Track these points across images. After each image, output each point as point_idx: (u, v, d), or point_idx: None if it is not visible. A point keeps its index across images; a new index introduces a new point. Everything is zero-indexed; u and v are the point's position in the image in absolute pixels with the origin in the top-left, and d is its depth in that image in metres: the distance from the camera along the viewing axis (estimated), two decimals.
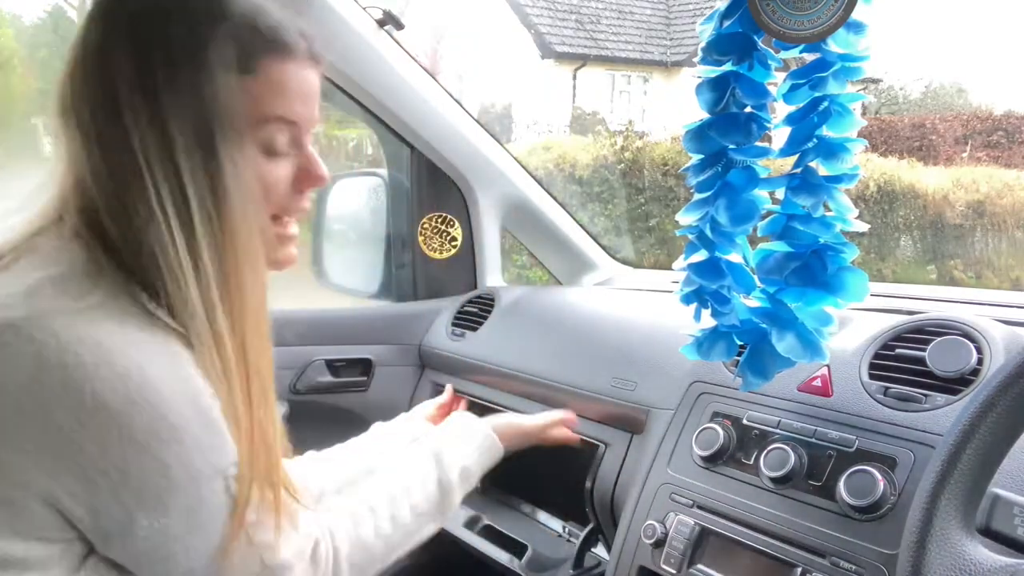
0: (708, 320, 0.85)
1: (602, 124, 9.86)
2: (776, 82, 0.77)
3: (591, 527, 1.10)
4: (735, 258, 0.82)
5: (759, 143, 0.77)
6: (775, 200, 0.80)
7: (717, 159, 0.78)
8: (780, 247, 0.78)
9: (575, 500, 1.12)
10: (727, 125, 0.76)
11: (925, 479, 0.58)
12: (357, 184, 1.73)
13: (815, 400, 0.88)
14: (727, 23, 0.74)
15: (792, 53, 0.75)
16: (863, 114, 8.75)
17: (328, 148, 8.49)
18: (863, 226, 0.77)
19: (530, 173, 1.59)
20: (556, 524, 1.23)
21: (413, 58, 1.39)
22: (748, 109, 0.76)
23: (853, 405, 0.85)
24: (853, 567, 0.75)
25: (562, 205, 1.61)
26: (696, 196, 0.81)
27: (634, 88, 12.79)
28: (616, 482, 1.05)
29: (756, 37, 0.74)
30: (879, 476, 0.76)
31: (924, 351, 0.84)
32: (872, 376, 0.87)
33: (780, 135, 0.78)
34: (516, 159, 1.57)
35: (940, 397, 0.80)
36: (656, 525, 0.91)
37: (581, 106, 11.72)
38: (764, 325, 0.82)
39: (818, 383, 0.89)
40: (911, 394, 0.82)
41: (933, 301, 1.08)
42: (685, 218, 0.82)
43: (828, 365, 0.89)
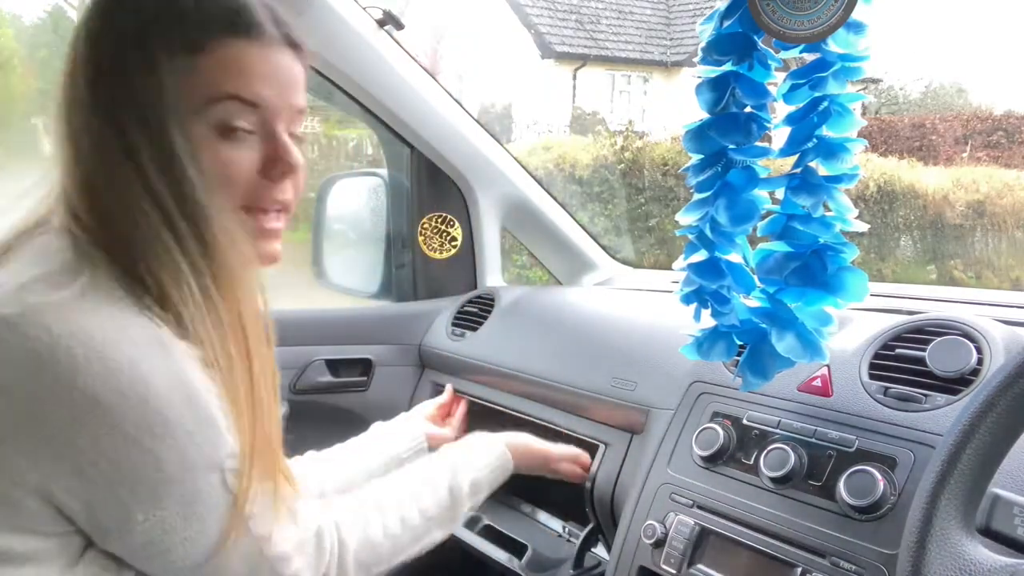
0: (708, 320, 0.85)
1: (602, 124, 9.87)
2: (776, 82, 0.77)
3: (591, 527, 1.10)
4: (735, 258, 0.82)
5: (759, 143, 0.77)
6: (775, 200, 0.80)
7: (717, 159, 0.78)
8: (780, 247, 0.78)
9: (575, 500, 1.12)
10: (727, 125, 0.76)
11: (925, 479, 0.58)
12: (357, 184, 1.73)
13: (815, 400, 0.88)
14: (727, 23, 0.74)
15: (792, 53, 0.75)
16: (863, 114, 8.74)
17: (328, 148, 8.50)
18: (863, 226, 0.77)
19: (530, 173, 1.59)
20: (556, 524, 1.23)
21: (413, 58, 1.39)
22: (748, 109, 0.76)
23: (853, 405, 0.85)
24: (853, 567, 0.75)
25: (562, 205, 1.61)
26: (696, 196, 0.81)
27: (634, 88, 12.80)
28: (616, 482, 1.05)
29: (756, 37, 0.74)
30: (879, 476, 0.76)
31: (924, 351, 0.84)
32: (872, 376, 0.87)
33: (780, 135, 0.78)
34: (516, 159, 1.57)
35: (940, 397, 0.80)
36: (656, 525, 0.91)
37: (581, 106, 11.72)
38: (764, 325, 0.82)
39: (818, 383, 0.89)
40: (911, 394, 0.82)
41: (933, 301, 1.08)
42: (685, 218, 0.82)
43: (828, 365, 0.89)
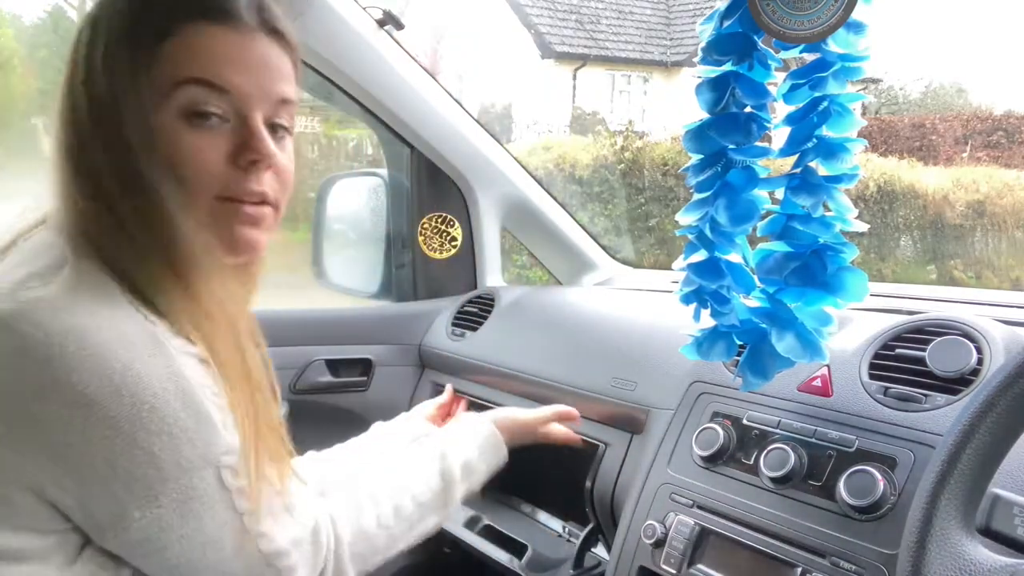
0: (708, 320, 0.85)
1: (602, 124, 9.87)
2: (776, 82, 0.77)
3: (591, 527, 1.10)
4: (735, 258, 0.82)
5: (759, 143, 0.77)
6: (775, 200, 0.80)
7: (717, 159, 0.78)
8: (780, 247, 0.78)
9: (575, 500, 1.12)
10: (727, 125, 0.76)
11: (925, 479, 0.58)
12: (357, 184, 1.73)
13: (815, 400, 0.88)
14: (727, 23, 0.74)
15: (792, 53, 0.75)
16: (863, 114, 8.74)
17: (328, 148, 8.50)
18: (863, 226, 0.76)
19: (530, 173, 1.59)
20: (556, 524, 1.23)
21: (413, 58, 1.39)
22: (748, 109, 0.76)
23: (853, 405, 0.85)
24: (853, 567, 0.75)
25: (562, 205, 1.61)
26: (696, 196, 0.80)
27: (634, 88, 12.80)
28: (616, 482, 1.05)
29: (756, 37, 0.74)
30: (879, 476, 0.76)
31: (924, 351, 0.84)
32: (872, 376, 0.87)
33: (780, 135, 0.78)
34: (516, 159, 1.57)
35: (940, 397, 0.80)
36: (656, 525, 0.91)
37: (581, 106, 11.72)
38: (764, 325, 0.82)
39: (818, 383, 0.89)
40: (911, 394, 0.82)
41: (933, 301, 1.08)
42: (685, 218, 0.82)
43: (828, 365, 0.89)
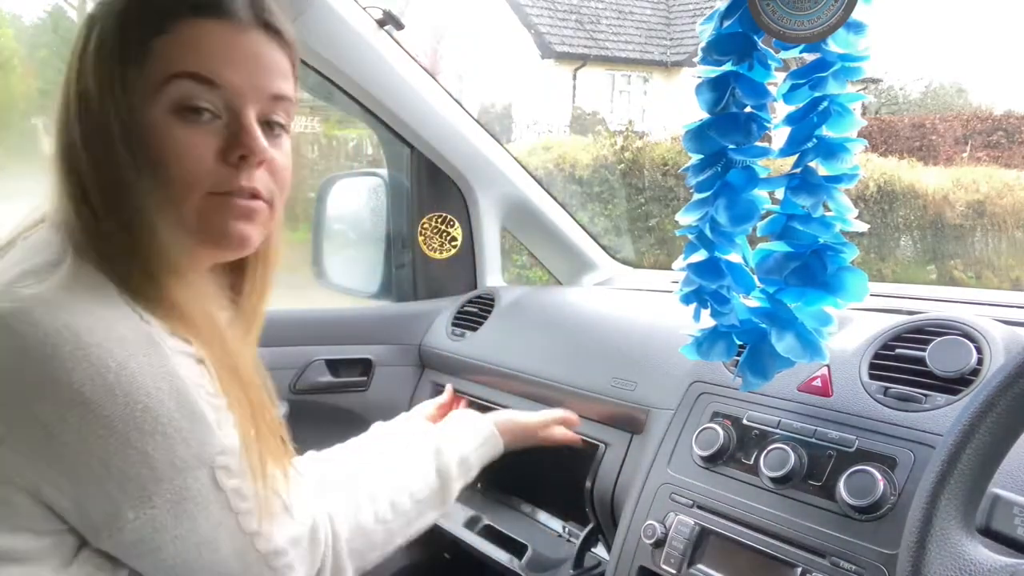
0: (708, 320, 0.85)
1: (602, 124, 9.87)
2: (776, 82, 0.77)
3: (591, 527, 1.10)
4: (735, 258, 0.82)
5: (759, 143, 0.77)
6: (775, 200, 0.80)
7: (717, 159, 0.78)
8: (780, 247, 0.78)
9: (575, 500, 1.12)
10: (727, 125, 0.76)
11: (925, 479, 0.58)
12: (357, 184, 1.73)
13: (815, 400, 0.88)
14: (727, 23, 0.74)
15: (792, 53, 0.75)
16: (863, 114, 8.74)
17: (328, 148, 8.50)
18: (863, 226, 0.76)
19: (530, 173, 1.59)
20: (556, 524, 1.23)
21: (413, 58, 1.39)
22: (748, 109, 0.76)
23: (853, 405, 0.85)
24: (853, 567, 0.75)
25: (562, 205, 1.61)
26: (696, 196, 0.80)
27: (634, 88, 12.80)
28: (616, 482, 1.05)
29: (756, 37, 0.74)
30: (879, 476, 0.76)
31: (924, 351, 0.84)
32: (872, 376, 0.87)
33: (780, 135, 0.78)
34: (516, 159, 1.57)
35: (940, 397, 0.80)
36: (656, 525, 0.91)
37: (581, 106, 11.72)
38: (764, 325, 0.82)
39: (818, 383, 0.89)
40: (911, 394, 0.82)
41: (933, 301, 1.08)
42: (685, 218, 0.82)
43: (828, 365, 0.89)
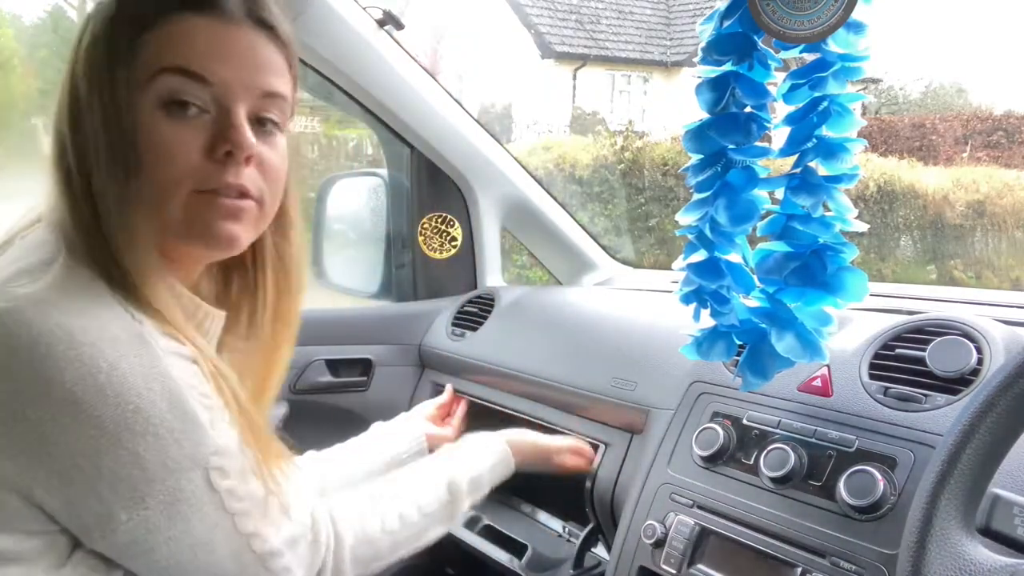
0: (707, 320, 0.85)
1: (602, 124, 9.87)
2: (776, 82, 0.77)
3: (591, 527, 1.10)
4: (734, 258, 0.82)
5: (759, 143, 0.77)
6: (775, 200, 0.80)
7: (717, 159, 0.78)
8: (780, 247, 0.78)
9: (575, 500, 1.12)
10: (727, 125, 0.76)
11: (925, 479, 0.58)
12: (357, 184, 1.73)
13: (815, 400, 0.88)
14: (727, 23, 0.74)
15: (792, 53, 0.75)
16: (863, 114, 8.75)
17: (328, 148, 8.50)
18: (863, 226, 0.76)
19: (530, 173, 1.59)
20: (556, 524, 1.23)
21: (413, 58, 1.39)
22: (748, 109, 0.76)
23: (853, 405, 0.85)
24: (853, 567, 0.75)
25: (562, 205, 1.61)
26: (696, 196, 0.80)
27: (634, 88, 12.80)
28: (616, 482, 1.05)
29: (756, 37, 0.74)
30: (879, 476, 0.76)
31: (924, 351, 0.84)
32: (872, 376, 0.87)
33: (780, 135, 0.78)
34: (516, 159, 1.57)
35: (940, 397, 0.80)
36: (656, 525, 0.91)
37: (581, 106, 11.72)
38: (763, 325, 0.82)
39: (818, 383, 0.89)
40: (911, 394, 0.82)
41: (933, 301, 1.08)
42: (685, 218, 0.82)
43: (828, 365, 0.89)
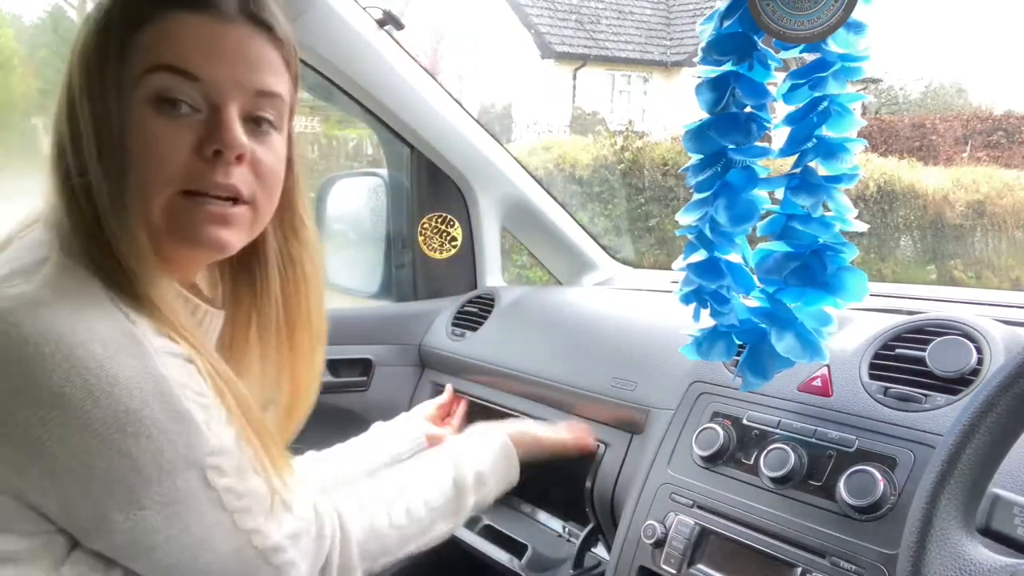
0: (707, 320, 0.85)
1: (602, 124, 9.86)
2: (776, 82, 0.77)
3: (591, 527, 1.10)
4: (734, 258, 0.82)
5: (759, 143, 0.77)
6: (775, 200, 0.80)
7: (717, 159, 0.78)
8: (779, 247, 0.78)
9: (575, 500, 1.12)
10: (727, 125, 0.76)
11: (925, 479, 0.58)
12: (357, 184, 1.73)
13: (815, 400, 0.88)
14: (727, 23, 0.74)
15: (792, 53, 0.75)
16: (863, 114, 8.75)
17: (328, 148, 8.50)
18: (863, 226, 0.76)
19: (530, 173, 1.59)
20: (556, 524, 1.23)
21: (413, 58, 1.39)
22: (748, 109, 0.76)
23: (853, 405, 0.85)
24: (853, 567, 0.75)
25: (562, 205, 1.61)
26: (695, 196, 0.80)
27: (634, 88, 12.79)
28: (616, 482, 1.05)
29: (756, 37, 0.74)
30: (879, 476, 0.76)
31: (924, 351, 0.84)
32: (872, 376, 0.87)
33: (780, 135, 0.78)
34: (516, 159, 1.57)
35: (940, 397, 0.80)
36: (656, 525, 0.91)
37: (581, 106, 11.72)
38: (763, 325, 0.82)
39: (818, 383, 0.89)
40: (911, 394, 0.82)
41: (933, 301, 1.08)
42: (684, 218, 0.82)
43: (828, 365, 0.89)
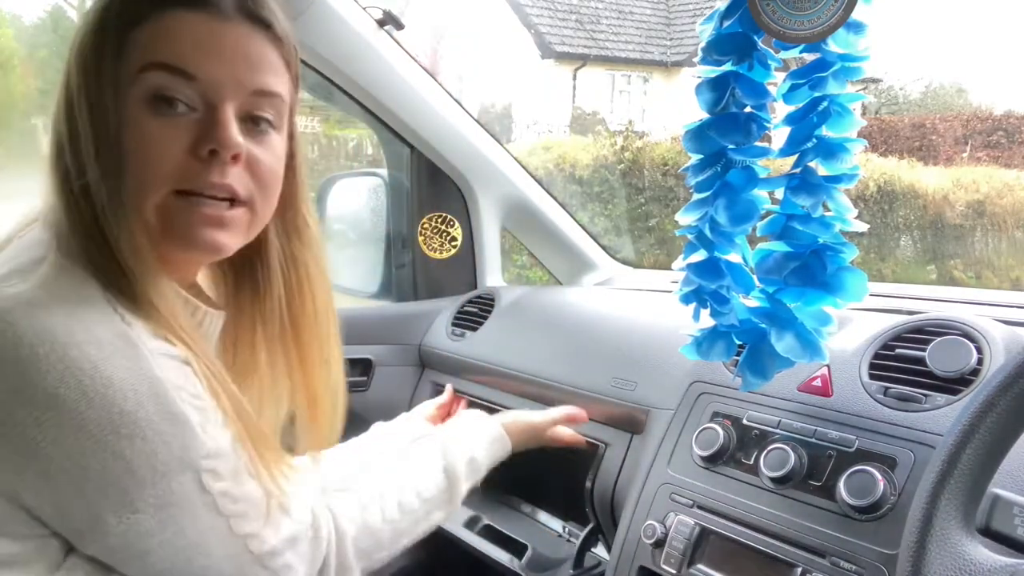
0: (707, 320, 0.85)
1: (602, 124, 9.86)
2: (776, 82, 0.77)
3: (591, 527, 1.10)
4: (734, 258, 0.82)
5: (759, 143, 0.77)
6: (774, 200, 0.80)
7: (717, 159, 0.78)
8: (779, 247, 0.78)
9: (575, 500, 1.12)
10: (727, 125, 0.76)
11: (925, 479, 0.58)
12: (357, 184, 1.73)
13: (815, 400, 0.88)
14: (727, 23, 0.74)
15: (792, 53, 0.75)
16: (863, 114, 8.75)
17: (328, 148, 8.50)
18: (862, 226, 0.77)
19: (530, 173, 1.59)
20: (556, 524, 1.23)
21: (413, 58, 1.39)
22: (748, 109, 0.76)
23: (853, 405, 0.85)
24: (853, 567, 0.75)
25: (562, 205, 1.61)
26: (695, 196, 0.81)
27: (634, 88, 12.79)
28: (616, 482, 1.05)
29: (756, 37, 0.74)
30: (879, 476, 0.76)
31: (924, 351, 0.84)
32: (872, 376, 0.87)
33: (780, 135, 0.78)
34: (516, 159, 1.57)
35: (940, 397, 0.80)
36: (656, 525, 0.91)
37: (581, 106, 11.72)
38: (763, 325, 0.82)
39: (818, 383, 0.89)
40: (911, 394, 0.82)
41: (933, 301, 1.08)
42: (684, 218, 0.82)
43: (828, 365, 0.89)
